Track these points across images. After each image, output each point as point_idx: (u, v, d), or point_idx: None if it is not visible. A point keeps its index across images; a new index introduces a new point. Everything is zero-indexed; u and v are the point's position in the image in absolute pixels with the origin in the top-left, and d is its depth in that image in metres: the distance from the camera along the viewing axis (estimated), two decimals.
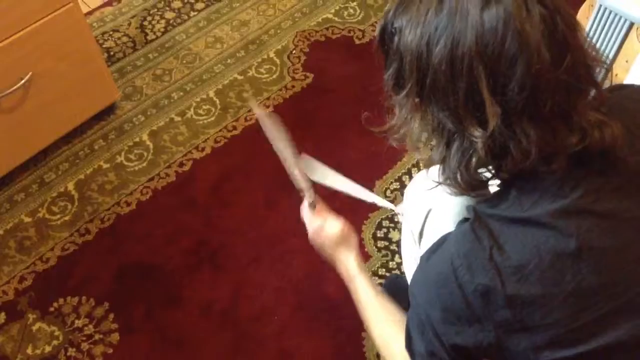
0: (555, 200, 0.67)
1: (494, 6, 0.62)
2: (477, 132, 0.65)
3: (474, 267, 0.67)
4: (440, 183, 0.74)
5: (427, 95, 0.68)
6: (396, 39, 0.69)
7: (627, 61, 1.68)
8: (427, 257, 0.75)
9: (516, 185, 0.70)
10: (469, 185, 0.71)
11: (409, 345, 0.78)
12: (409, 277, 1.03)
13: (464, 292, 0.67)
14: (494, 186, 0.79)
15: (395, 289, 1.30)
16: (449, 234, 0.75)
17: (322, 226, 1.02)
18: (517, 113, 0.64)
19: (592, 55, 0.67)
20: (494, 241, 0.67)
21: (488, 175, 0.74)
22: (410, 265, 1.00)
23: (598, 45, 1.35)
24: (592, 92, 0.68)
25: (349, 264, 0.99)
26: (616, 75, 1.65)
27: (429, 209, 0.90)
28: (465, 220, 0.74)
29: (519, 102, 0.63)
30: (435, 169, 0.76)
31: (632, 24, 1.25)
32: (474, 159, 0.68)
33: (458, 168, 0.70)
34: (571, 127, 0.65)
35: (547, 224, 0.66)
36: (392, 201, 1.43)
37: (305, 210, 1.07)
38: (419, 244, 0.93)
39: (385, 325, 0.90)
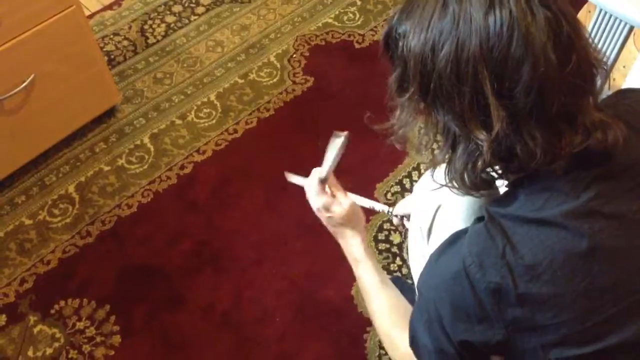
0: (567, 201, 0.67)
1: (498, 10, 0.63)
2: (482, 136, 0.66)
3: (486, 266, 0.67)
4: (444, 185, 0.75)
5: (432, 99, 0.69)
6: (400, 44, 0.70)
7: (624, 66, 1.70)
8: (438, 255, 0.76)
9: (525, 185, 0.71)
10: (475, 185, 0.72)
11: (413, 343, 0.79)
12: (414, 275, 1.03)
13: (475, 290, 0.68)
14: (502, 187, 0.80)
15: None
16: (460, 231, 0.75)
17: (329, 204, 0.98)
18: (525, 115, 0.64)
19: (595, 55, 0.68)
20: (507, 240, 0.68)
21: (494, 174, 0.75)
22: (417, 263, 1.00)
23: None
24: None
25: (354, 247, 0.99)
26: (614, 79, 1.67)
27: (438, 205, 0.90)
28: (478, 220, 0.74)
29: (526, 104, 0.63)
30: (440, 171, 0.76)
31: (632, 28, 1.27)
32: (479, 161, 0.68)
33: (464, 170, 0.70)
34: (576, 128, 0.66)
35: (560, 224, 0.66)
36: (391, 204, 1.43)
37: (311, 186, 1.00)
38: (428, 241, 0.93)
39: (389, 320, 0.91)
